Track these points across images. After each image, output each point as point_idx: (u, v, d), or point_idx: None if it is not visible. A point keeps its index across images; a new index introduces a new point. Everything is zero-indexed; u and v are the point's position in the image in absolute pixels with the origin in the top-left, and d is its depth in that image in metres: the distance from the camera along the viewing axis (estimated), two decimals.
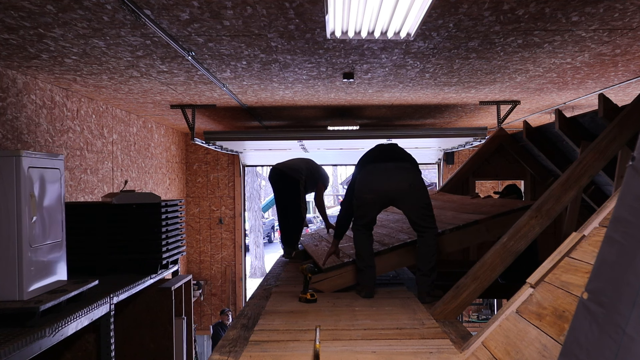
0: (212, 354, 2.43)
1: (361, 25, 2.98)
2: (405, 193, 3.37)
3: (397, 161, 3.47)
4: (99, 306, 3.13)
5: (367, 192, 3.41)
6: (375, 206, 3.45)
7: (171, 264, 4.45)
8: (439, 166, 9.40)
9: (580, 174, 3.14)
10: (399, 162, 3.47)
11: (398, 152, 3.59)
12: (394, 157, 3.51)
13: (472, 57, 3.78)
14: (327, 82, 4.63)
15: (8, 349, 2.22)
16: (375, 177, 3.39)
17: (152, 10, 2.70)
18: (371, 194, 3.40)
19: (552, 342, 1.76)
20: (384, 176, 3.37)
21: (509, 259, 3.01)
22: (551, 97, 5.59)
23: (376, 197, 3.40)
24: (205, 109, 6.04)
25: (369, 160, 3.54)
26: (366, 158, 3.61)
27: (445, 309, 2.98)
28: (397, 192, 3.37)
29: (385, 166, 3.41)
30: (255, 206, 17.98)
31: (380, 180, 3.37)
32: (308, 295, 3.32)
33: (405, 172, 3.41)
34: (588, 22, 3.01)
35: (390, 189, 3.36)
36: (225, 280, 9.02)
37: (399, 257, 3.71)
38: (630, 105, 3.27)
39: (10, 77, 4.03)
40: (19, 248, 2.63)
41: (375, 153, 3.60)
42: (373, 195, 3.40)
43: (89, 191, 5.36)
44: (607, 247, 1.22)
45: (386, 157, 3.51)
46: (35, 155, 2.80)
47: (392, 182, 3.35)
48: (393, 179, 3.36)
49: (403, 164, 3.47)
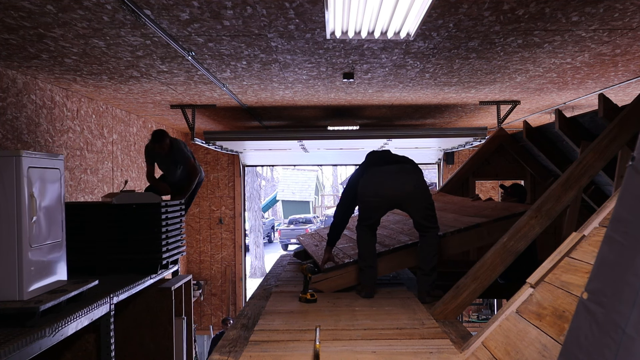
0: (212, 354, 2.44)
1: (361, 25, 2.98)
2: (410, 195, 3.36)
3: (399, 163, 3.46)
4: (99, 306, 3.13)
5: (372, 195, 3.40)
6: (380, 210, 3.45)
7: (171, 264, 4.45)
8: (439, 166, 9.40)
9: (580, 174, 3.14)
10: (401, 164, 3.47)
11: (396, 156, 3.60)
12: (396, 160, 3.50)
13: (472, 57, 3.78)
14: (327, 82, 4.63)
15: (8, 349, 2.22)
16: (379, 180, 3.38)
17: (152, 10, 2.70)
18: (376, 197, 3.39)
19: (552, 342, 1.76)
20: (389, 180, 3.36)
21: (509, 259, 3.01)
22: (551, 97, 5.59)
23: (381, 201, 3.40)
24: (205, 109, 6.04)
25: (371, 163, 3.52)
26: (367, 158, 3.61)
27: (445, 309, 2.98)
28: (402, 195, 3.36)
29: (389, 169, 3.40)
30: (255, 206, 17.99)
31: (385, 184, 3.36)
32: (308, 295, 3.32)
33: (408, 174, 3.40)
34: (588, 22, 3.01)
35: (395, 192, 3.35)
36: (225, 280, 9.02)
37: (400, 258, 3.70)
38: (630, 105, 3.27)
39: (10, 77, 4.03)
40: (19, 248, 2.62)
41: (375, 158, 3.59)
42: (378, 199, 3.39)
43: (89, 191, 5.36)
44: (607, 247, 1.22)
45: (387, 160, 3.51)
46: (35, 155, 2.80)
47: (397, 185, 3.34)
48: (398, 182, 3.35)
49: (405, 165, 3.46)
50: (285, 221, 25.24)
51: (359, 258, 3.49)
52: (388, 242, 3.92)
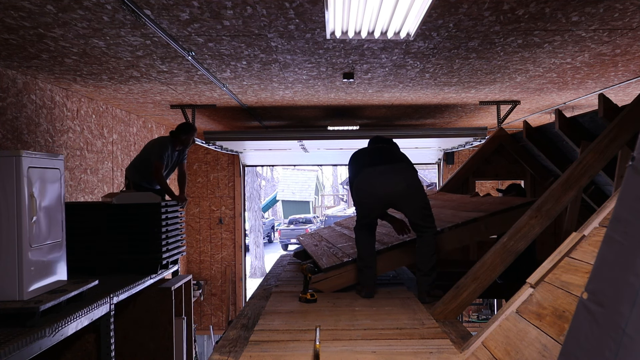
0: (212, 354, 2.44)
1: (361, 25, 2.98)
2: (403, 195, 3.37)
3: (393, 163, 3.45)
4: (99, 306, 3.13)
5: (367, 196, 3.42)
6: (375, 210, 3.46)
7: (171, 264, 4.45)
8: (439, 166, 9.39)
9: (580, 174, 3.14)
10: (395, 163, 3.46)
11: (392, 153, 3.58)
12: (390, 159, 3.49)
13: (472, 57, 3.78)
14: (327, 82, 4.63)
15: (8, 349, 2.22)
16: (372, 181, 3.38)
17: (152, 10, 2.70)
18: (370, 198, 3.41)
19: (552, 342, 1.76)
20: (381, 180, 3.36)
21: (509, 259, 3.01)
22: (551, 97, 5.59)
23: (375, 202, 3.41)
24: (205, 109, 6.04)
25: (365, 163, 3.51)
26: (361, 157, 3.59)
27: (445, 309, 2.98)
28: (395, 194, 3.37)
29: (383, 169, 3.40)
30: (255, 206, 17.99)
31: (378, 185, 3.36)
32: (308, 295, 3.32)
33: (401, 174, 3.40)
34: (588, 22, 3.01)
35: (388, 192, 3.36)
36: (225, 280, 9.02)
37: (399, 255, 3.71)
38: (630, 105, 3.27)
39: (10, 77, 4.03)
40: (19, 248, 2.62)
41: (370, 153, 3.58)
42: (372, 200, 3.41)
43: (89, 191, 5.36)
44: (607, 247, 1.22)
45: (381, 159, 3.50)
46: (35, 155, 2.80)
47: (390, 186, 3.35)
48: (390, 182, 3.36)
49: (399, 164, 3.45)
50: (285, 221, 25.24)
51: (358, 259, 3.50)
52: (387, 240, 3.92)
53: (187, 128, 5.11)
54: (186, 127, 5.11)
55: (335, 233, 5.14)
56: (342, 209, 26.42)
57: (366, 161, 3.52)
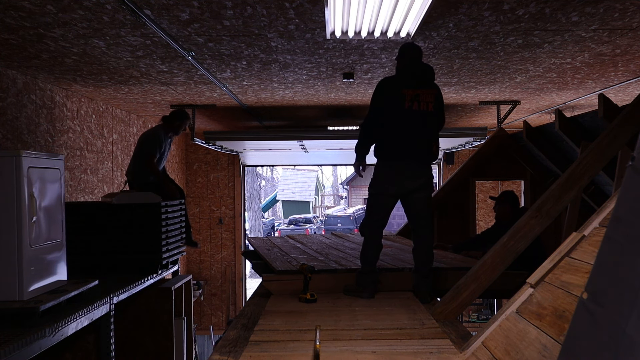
0: (212, 354, 2.44)
1: (361, 25, 2.98)
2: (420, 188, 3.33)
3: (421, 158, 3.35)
4: (99, 306, 3.13)
5: (392, 195, 3.35)
6: (391, 208, 3.41)
7: (171, 264, 4.45)
8: (439, 166, 9.39)
9: (580, 174, 3.14)
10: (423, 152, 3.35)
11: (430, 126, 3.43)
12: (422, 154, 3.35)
13: (472, 57, 3.78)
14: (327, 82, 4.63)
15: (8, 349, 2.22)
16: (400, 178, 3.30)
17: (152, 10, 2.70)
18: (394, 197, 3.36)
19: (552, 342, 1.76)
20: (409, 174, 3.30)
21: (509, 258, 3.00)
22: (551, 97, 5.59)
23: (394, 198, 3.38)
24: (205, 109, 6.04)
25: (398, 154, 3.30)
26: (399, 83, 3.23)
27: (445, 309, 2.98)
28: (412, 186, 3.31)
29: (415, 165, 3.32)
30: (255, 206, 18.00)
31: (405, 181, 3.31)
32: (308, 295, 3.32)
33: (426, 167, 3.37)
34: (588, 22, 3.01)
35: (410, 185, 3.31)
36: (225, 280, 9.02)
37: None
38: (630, 105, 3.27)
39: (10, 77, 4.03)
40: (19, 248, 2.62)
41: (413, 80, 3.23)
42: (394, 198, 3.37)
43: (89, 191, 5.36)
44: (607, 247, 1.22)
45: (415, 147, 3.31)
46: (35, 155, 2.80)
47: (415, 180, 3.31)
48: (416, 174, 3.32)
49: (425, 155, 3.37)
50: (285, 221, 25.24)
51: (365, 262, 3.43)
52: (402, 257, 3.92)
53: (181, 115, 5.09)
54: (180, 114, 5.10)
55: (289, 244, 5.07)
56: (342, 209, 26.40)
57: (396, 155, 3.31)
